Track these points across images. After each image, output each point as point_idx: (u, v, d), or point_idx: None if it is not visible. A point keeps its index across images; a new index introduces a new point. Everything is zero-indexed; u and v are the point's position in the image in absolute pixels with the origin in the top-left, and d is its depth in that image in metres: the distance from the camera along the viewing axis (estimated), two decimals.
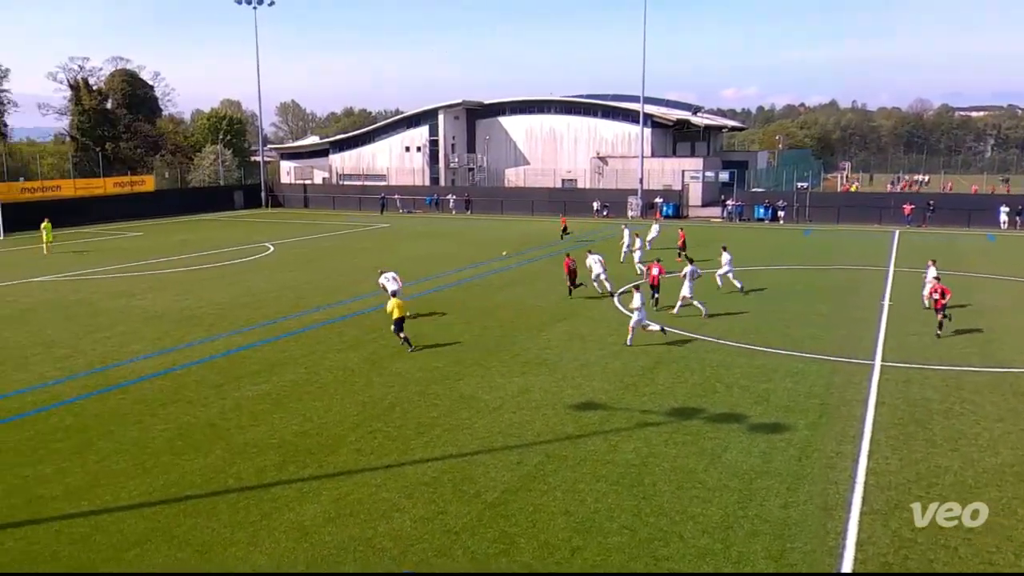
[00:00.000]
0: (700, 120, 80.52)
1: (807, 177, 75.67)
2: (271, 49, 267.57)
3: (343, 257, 39.82)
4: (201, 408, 16.37)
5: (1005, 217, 51.41)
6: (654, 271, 25.98)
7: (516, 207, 64.71)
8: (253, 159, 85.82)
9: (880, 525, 11.16)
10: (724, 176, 63.33)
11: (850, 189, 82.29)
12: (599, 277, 28.02)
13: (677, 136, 79.94)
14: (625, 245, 35.91)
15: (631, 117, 71.01)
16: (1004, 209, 51.71)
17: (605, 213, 60.57)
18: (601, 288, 28.12)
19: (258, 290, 30.00)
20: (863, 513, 11.50)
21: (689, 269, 25.09)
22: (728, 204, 58.51)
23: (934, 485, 12.42)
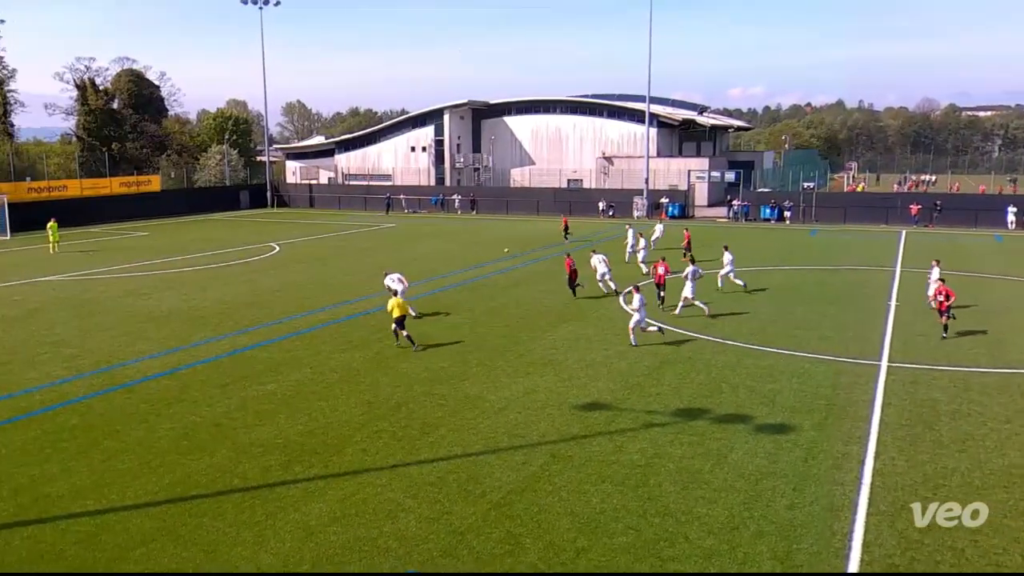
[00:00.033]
0: (706, 120, 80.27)
1: (813, 177, 75.43)
2: (277, 49, 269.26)
3: (349, 257, 39.86)
4: (207, 408, 16.41)
5: (1013, 217, 51.15)
6: (660, 270, 25.95)
7: (521, 207, 64.68)
8: (259, 159, 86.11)
9: (886, 526, 11.11)
10: (730, 176, 63.10)
11: (857, 189, 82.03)
12: (604, 277, 27.99)
13: (683, 136, 79.76)
14: (629, 245, 35.88)
15: (637, 117, 70.98)
16: (1012, 209, 51.45)
17: (611, 213, 60.49)
18: (606, 288, 28.09)
19: (264, 290, 30.06)
20: (869, 514, 11.46)
21: (690, 269, 25.04)
22: (734, 204, 58.36)
23: (941, 486, 12.37)
